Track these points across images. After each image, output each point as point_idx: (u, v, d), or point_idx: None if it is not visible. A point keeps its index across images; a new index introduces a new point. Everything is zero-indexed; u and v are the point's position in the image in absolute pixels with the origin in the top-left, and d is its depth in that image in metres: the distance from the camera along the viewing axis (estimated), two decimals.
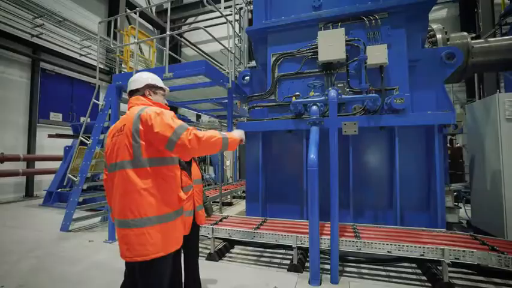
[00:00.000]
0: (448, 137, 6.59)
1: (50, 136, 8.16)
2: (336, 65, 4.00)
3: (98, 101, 4.99)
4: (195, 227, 2.37)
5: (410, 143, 3.78)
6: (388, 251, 2.88)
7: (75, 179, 4.88)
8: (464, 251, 2.68)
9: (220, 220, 3.98)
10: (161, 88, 1.85)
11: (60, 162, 7.90)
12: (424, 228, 3.44)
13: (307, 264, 3.23)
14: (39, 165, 8.89)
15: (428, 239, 3.07)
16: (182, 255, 2.39)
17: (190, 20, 14.93)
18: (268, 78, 4.49)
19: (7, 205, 7.29)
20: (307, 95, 3.92)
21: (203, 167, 10.54)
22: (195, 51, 14.16)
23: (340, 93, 3.20)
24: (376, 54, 3.65)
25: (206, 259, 3.56)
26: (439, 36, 4.62)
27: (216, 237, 3.61)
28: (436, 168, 3.54)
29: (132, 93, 1.78)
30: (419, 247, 2.79)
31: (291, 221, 3.86)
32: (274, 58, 4.41)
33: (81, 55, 10.26)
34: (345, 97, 3.31)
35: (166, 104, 1.89)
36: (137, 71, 4.29)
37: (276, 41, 4.45)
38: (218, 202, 6.48)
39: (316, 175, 2.87)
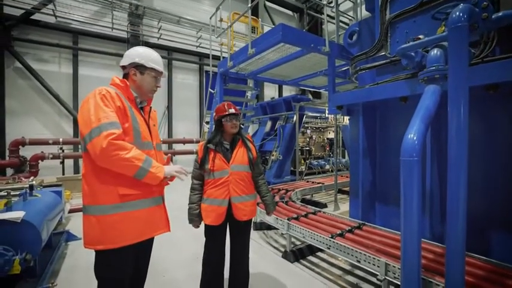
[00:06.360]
0: None
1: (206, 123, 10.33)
2: None
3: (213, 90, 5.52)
4: (239, 221, 2.00)
5: None
6: None
7: None
8: None
9: (305, 215, 3.30)
10: (152, 69, 1.56)
11: None
12: None
13: None
14: None
15: None
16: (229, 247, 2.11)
17: None
18: (376, 28, 3.13)
19: None
20: None
21: (333, 150, 9.49)
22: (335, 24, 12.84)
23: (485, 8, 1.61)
24: None
25: (282, 256, 3.11)
26: None
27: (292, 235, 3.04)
28: None
29: (123, 70, 1.61)
30: None
31: (397, 234, 2.55)
32: None
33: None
34: None
35: (154, 89, 1.61)
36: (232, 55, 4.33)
37: None
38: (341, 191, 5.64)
39: (417, 169, 1.67)
